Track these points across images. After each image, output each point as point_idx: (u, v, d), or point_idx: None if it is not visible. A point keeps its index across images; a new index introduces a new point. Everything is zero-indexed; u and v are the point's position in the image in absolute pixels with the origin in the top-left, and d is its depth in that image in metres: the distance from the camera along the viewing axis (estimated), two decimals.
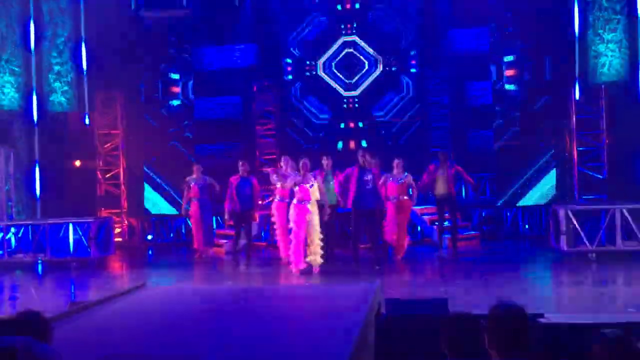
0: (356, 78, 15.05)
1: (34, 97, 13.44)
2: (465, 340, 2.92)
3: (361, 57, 15.03)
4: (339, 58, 15.09)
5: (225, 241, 12.40)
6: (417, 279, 9.07)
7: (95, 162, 13.99)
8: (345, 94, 15.07)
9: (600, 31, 12.30)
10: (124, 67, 13.63)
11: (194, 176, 11.66)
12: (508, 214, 13.60)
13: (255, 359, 3.48)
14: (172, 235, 14.44)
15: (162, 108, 14.96)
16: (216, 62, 14.96)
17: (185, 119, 14.94)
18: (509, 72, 14.20)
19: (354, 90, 15.05)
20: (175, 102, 14.99)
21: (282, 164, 10.37)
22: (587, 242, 10.03)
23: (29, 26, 13.43)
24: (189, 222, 12.39)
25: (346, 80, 15.05)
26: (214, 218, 12.63)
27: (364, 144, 14.05)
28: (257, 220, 11.63)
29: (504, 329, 2.50)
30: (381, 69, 14.92)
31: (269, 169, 10.49)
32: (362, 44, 15.03)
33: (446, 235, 11.37)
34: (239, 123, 14.74)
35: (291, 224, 8.99)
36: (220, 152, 14.63)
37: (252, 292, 6.13)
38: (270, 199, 10.25)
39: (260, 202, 11.38)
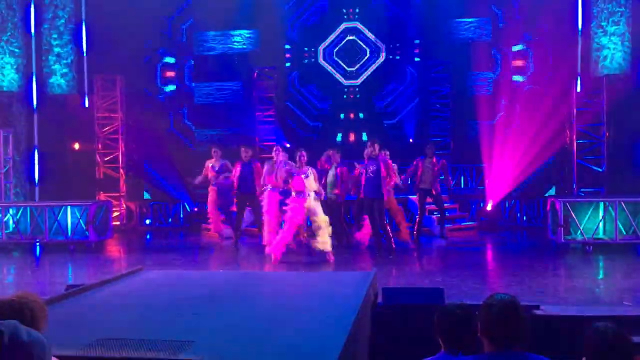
0: (357, 66, 15.00)
1: (34, 79, 13.40)
2: (459, 330, 2.93)
3: (363, 45, 14.96)
4: (340, 45, 15.02)
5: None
6: (414, 268, 9.08)
7: (94, 145, 13.97)
8: (345, 82, 15.02)
9: (604, 23, 12.24)
10: (124, 51, 13.57)
11: (213, 160, 11.56)
12: (506, 205, 13.62)
13: (250, 344, 3.48)
14: (170, 220, 14.46)
15: (162, 92, 14.93)
16: (217, 47, 14.91)
17: (185, 104, 14.92)
18: (516, 63, 14.17)
19: (355, 79, 15.00)
20: (174, 87, 14.96)
21: (273, 154, 10.39)
22: (584, 234, 10.06)
23: (29, 7, 13.36)
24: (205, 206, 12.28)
25: (347, 69, 14.99)
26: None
27: (364, 137, 14.04)
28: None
29: (495, 318, 2.52)
30: (384, 57, 14.86)
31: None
32: (364, 30, 14.95)
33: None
34: (238, 109, 14.72)
35: (284, 216, 9.02)
36: (219, 138, 14.62)
37: (249, 277, 6.14)
38: (263, 187, 10.23)
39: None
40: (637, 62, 12.22)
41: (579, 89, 12.50)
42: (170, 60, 15.05)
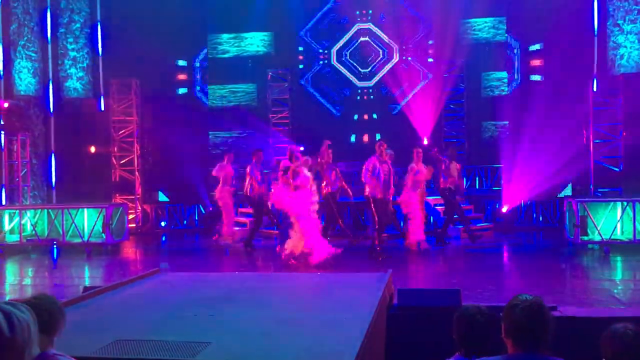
0: (371, 67, 14.97)
1: (50, 83, 13.54)
2: (477, 334, 2.91)
3: (376, 46, 14.93)
4: (353, 47, 15.00)
5: (237, 228, 12.45)
6: (430, 269, 9.04)
7: (110, 148, 14.08)
8: (359, 84, 14.99)
9: (620, 22, 12.10)
10: (139, 54, 13.67)
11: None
12: (522, 205, 13.50)
13: (266, 346, 3.48)
14: (185, 222, 14.53)
15: (177, 95, 15.02)
16: (231, 49, 14.96)
17: (199, 106, 14.99)
18: (532, 62, 14.07)
19: (369, 80, 14.97)
20: (189, 90, 15.04)
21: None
22: (601, 235, 9.96)
23: (45, 12, 13.50)
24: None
25: (361, 70, 14.97)
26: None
27: (378, 137, 14.02)
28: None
29: (520, 319, 2.49)
30: (397, 58, 14.82)
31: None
32: (378, 31, 14.93)
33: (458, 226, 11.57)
34: (252, 111, 14.76)
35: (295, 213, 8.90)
36: (234, 140, 14.67)
37: (264, 279, 6.15)
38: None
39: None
40: None
41: (595, 89, 12.36)
42: (184, 63, 15.13)
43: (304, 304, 4.59)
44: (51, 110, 13.52)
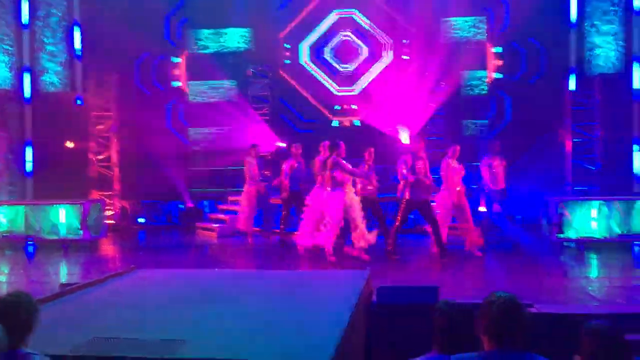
0: (352, 66, 14.83)
1: (26, 77, 13.33)
2: (454, 328, 2.93)
3: (358, 41, 14.80)
4: (332, 42, 14.85)
5: (217, 225, 12.42)
6: (409, 266, 9.07)
7: (87, 143, 13.90)
8: (338, 90, 14.80)
9: (597, 22, 12.27)
10: (118, 49, 13.50)
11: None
12: (501, 203, 13.59)
13: (242, 344, 3.47)
14: (164, 218, 14.42)
15: (156, 91, 14.87)
16: (211, 45, 14.85)
17: (179, 102, 14.86)
18: (509, 62, 14.19)
19: (350, 85, 14.77)
20: (168, 85, 14.91)
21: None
22: (578, 233, 10.10)
23: (20, 4, 13.28)
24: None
25: (340, 68, 14.84)
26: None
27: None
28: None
29: (495, 316, 2.51)
30: (384, 56, 14.70)
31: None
32: (361, 22, 14.68)
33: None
34: (233, 107, 14.66)
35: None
36: (213, 136, 14.57)
37: (243, 276, 6.13)
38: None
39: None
40: (630, 61, 12.25)
41: (572, 88, 12.51)
42: (164, 58, 14.99)
43: (282, 301, 4.59)
44: (27, 104, 13.30)
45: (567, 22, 12.74)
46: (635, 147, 12.12)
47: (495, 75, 14.16)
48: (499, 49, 14.11)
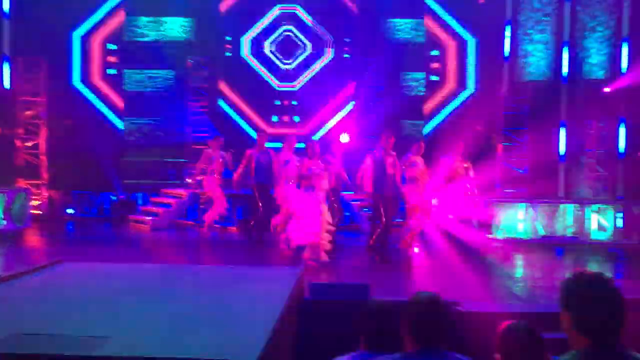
0: (294, 62, 14.80)
1: None
2: (381, 327, 2.96)
3: (300, 36, 14.78)
4: (275, 37, 14.78)
5: (149, 218, 12.16)
6: (342, 265, 9.14)
7: (14, 129, 13.29)
8: (278, 86, 14.75)
9: (530, 31, 12.75)
10: (49, 32, 12.96)
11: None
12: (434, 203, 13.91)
13: (169, 341, 3.41)
14: (94, 210, 13.97)
15: (90, 77, 14.39)
16: (149, 33, 14.48)
17: (114, 90, 14.42)
18: (435, 65, 14.54)
19: (291, 81, 14.74)
20: (103, 73, 14.45)
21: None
22: (505, 234, 10.48)
23: None
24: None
25: (282, 65, 14.77)
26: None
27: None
28: None
29: (418, 316, 2.53)
30: (325, 53, 14.74)
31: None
32: (304, 18, 14.69)
33: None
34: (171, 98, 14.34)
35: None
36: (150, 127, 14.22)
37: (173, 271, 6.01)
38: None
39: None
40: (559, 69, 12.78)
41: (505, 94, 12.96)
42: (99, 44, 14.51)
43: (212, 296, 4.53)
44: None
45: (502, 30, 13.15)
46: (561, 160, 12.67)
47: (432, 77, 14.48)
48: (437, 52, 14.44)
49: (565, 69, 12.63)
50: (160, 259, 9.16)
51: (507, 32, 13.01)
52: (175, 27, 14.46)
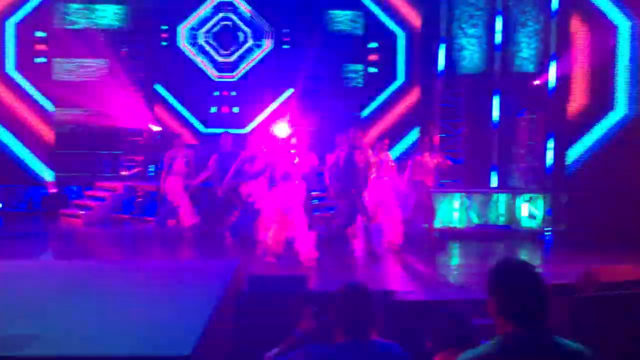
0: (234, 53, 14.62)
1: None
2: (320, 317, 2.99)
3: (240, 25, 14.59)
4: (212, 26, 14.57)
5: (82, 212, 11.80)
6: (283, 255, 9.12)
7: None
8: (217, 77, 14.56)
9: (464, 25, 13.05)
10: None
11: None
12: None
13: (100, 337, 3.32)
14: (24, 204, 13.41)
15: (18, 65, 13.78)
16: (80, 20, 13.97)
17: (43, 79, 13.86)
18: (373, 57, 14.72)
19: (230, 72, 14.56)
20: (33, 61, 13.87)
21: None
22: (442, 222, 10.74)
23: None
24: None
25: (218, 58, 14.56)
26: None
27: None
28: None
29: (345, 307, 2.54)
30: (264, 44, 14.63)
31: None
32: (242, 7, 14.54)
33: None
34: (104, 88, 13.91)
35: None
36: (82, 118, 13.76)
37: (105, 268, 5.85)
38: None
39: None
40: (492, 62, 13.13)
41: (441, 86, 13.23)
42: (28, 31, 13.89)
43: (146, 292, 4.44)
44: None
45: (438, 24, 13.38)
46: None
47: (370, 69, 14.64)
48: (375, 44, 14.60)
49: (497, 63, 13.00)
50: (93, 255, 8.90)
51: (442, 26, 13.25)
52: (108, 15, 14.02)
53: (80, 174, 13.11)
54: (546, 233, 11.06)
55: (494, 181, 12.65)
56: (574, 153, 11.82)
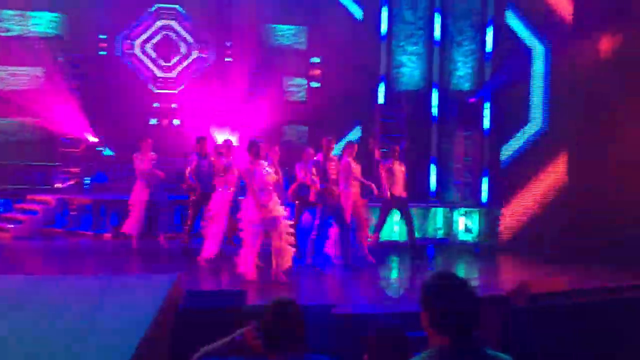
0: (176, 66, 14.44)
1: None
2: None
3: (184, 34, 14.41)
4: (153, 36, 14.36)
5: (11, 225, 11.33)
6: (218, 272, 8.98)
7: None
8: (158, 88, 14.33)
9: (403, 43, 13.35)
10: None
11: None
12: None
13: (30, 354, 3.19)
14: None
15: None
16: (14, 28, 13.50)
17: None
18: (315, 72, 14.86)
19: (171, 84, 14.35)
20: None
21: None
22: (382, 236, 10.86)
23: None
24: None
25: (157, 71, 14.33)
26: None
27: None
28: None
29: (270, 321, 2.54)
30: (207, 56, 14.50)
31: None
32: (184, 19, 14.43)
33: None
34: (39, 97, 13.43)
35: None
36: (13, 128, 13.24)
37: (37, 283, 5.62)
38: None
39: None
40: (430, 80, 13.48)
41: (381, 102, 13.45)
42: None
43: (78, 308, 4.29)
44: None
45: (378, 39, 13.62)
46: (432, 166, 13.33)
47: (312, 84, 14.75)
48: (317, 59, 14.73)
49: (435, 80, 13.35)
50: (22, 270, 8.51)
51: (383, 43, 13.52)
52: (43, 22, 13.60)
53: (9, 187, 12.57)
54: (481, 246, 11.38)
55: (432, 195, 12.96)
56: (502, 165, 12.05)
